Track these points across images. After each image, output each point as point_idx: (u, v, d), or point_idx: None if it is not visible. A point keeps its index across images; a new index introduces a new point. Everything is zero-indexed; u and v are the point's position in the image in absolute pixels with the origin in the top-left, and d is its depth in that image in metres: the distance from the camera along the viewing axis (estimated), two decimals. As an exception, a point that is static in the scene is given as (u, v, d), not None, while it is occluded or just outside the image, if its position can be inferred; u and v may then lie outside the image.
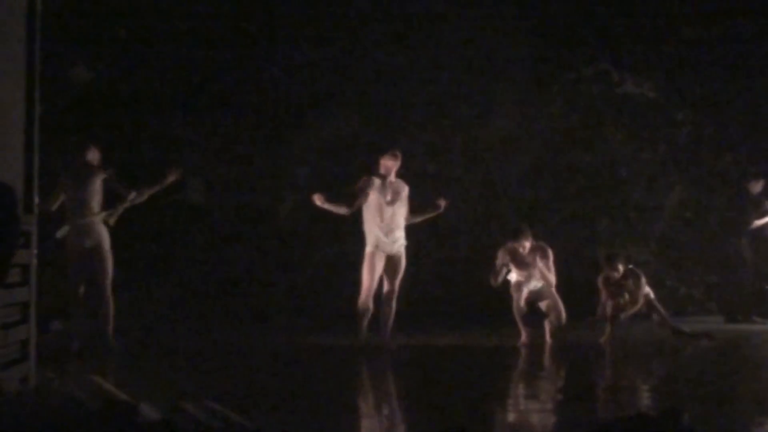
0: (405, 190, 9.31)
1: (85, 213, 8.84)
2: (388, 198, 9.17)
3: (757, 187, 11.58)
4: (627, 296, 9.85)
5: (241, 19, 12.21)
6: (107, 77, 11.94)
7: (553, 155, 12.48)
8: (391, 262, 9.15)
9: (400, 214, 9.22)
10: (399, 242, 9.20)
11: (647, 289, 9.97)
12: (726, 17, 12.46)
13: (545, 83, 12.53)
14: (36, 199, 6.23)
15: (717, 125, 12.56)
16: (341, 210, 9.24)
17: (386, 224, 9.12)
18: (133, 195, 8.93)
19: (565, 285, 12.04)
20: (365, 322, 9.09)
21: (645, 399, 7.17)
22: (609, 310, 9.84)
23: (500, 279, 9.65)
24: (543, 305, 9.69)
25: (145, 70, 11.98)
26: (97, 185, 8.92)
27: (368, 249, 9.11)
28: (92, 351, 8.62)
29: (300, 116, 12.35)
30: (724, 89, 12.52)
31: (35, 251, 6.10)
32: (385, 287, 9.21)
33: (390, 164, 9.26)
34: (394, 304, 9.20)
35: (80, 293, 8.89)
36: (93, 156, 9.11)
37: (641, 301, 9.89)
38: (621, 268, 9.91)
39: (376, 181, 9.17)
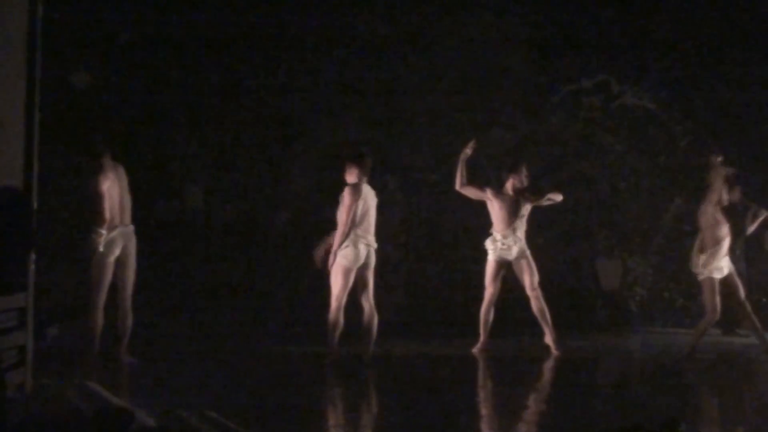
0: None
1: (126, 219, 8.69)
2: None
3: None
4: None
5: (243, 27, 12.22)
6: (107, 83, 11.94)
7: (552, 166, 12.48)
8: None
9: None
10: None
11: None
12: (726, 30, 12.47)
13: (545, 94, 12.54)
14: (35, 204, 6.23)
15: (716, 138, 12.55)
16: None
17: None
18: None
19: (562, 296, 12.08)
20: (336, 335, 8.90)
21: (642, 409, 7.16)
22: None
23: (462, 180, 9.61)
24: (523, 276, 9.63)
25: (145, 77, 11.99)
26: (127, 188, 8.76)
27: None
28: (89, 358, 8.56)
29: (299, 125, 12.35)
30: (723, 102, 12.53)
31: (33, 256, 6.10)
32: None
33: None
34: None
35: (102, 304, 8.55)
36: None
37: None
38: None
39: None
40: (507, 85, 12.49)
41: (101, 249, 8.47)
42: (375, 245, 8.87)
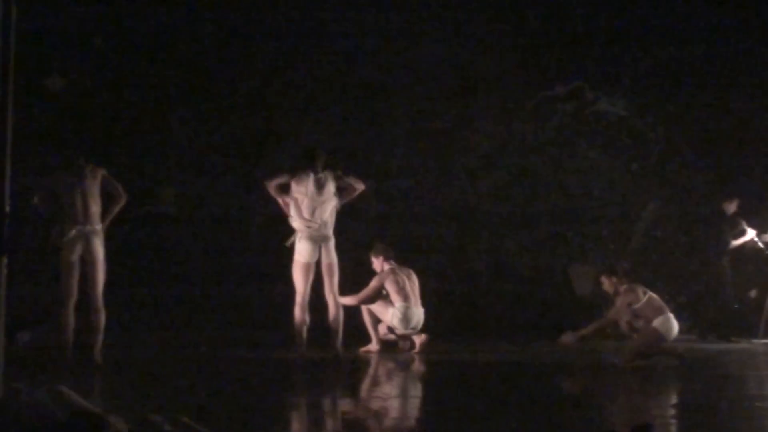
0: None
1: (91, 220, 8.64)
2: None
3: (731, 206, 11.56)
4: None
5: (217, 29, 12.19)
6: (82, 86, 11.88)
7: (526, 171, 12.53)
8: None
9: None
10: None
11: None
12: (699, 37, 12.57)
13: (520, 100, 12.59)
14: (6, 208, 6.17)
15: (689, 144, 12.65)
16: None
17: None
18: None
19: (535, 302, 12.12)
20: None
21: (615, 415, 7.19)
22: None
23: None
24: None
25: (119, 80, 11.94)
26: (97, 189, 8.72)
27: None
28: (64, 362, 8.48)
29: (275, 129, 12.34)
30: (696, 108, 12.63)
31: (5, 259, 6.05)
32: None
33: None
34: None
35: (71, 303, 8.56)
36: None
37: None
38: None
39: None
40: (482, 92, 12.53)
41: (62, 249, 8.47)
42: (330, 239, 8.88)
